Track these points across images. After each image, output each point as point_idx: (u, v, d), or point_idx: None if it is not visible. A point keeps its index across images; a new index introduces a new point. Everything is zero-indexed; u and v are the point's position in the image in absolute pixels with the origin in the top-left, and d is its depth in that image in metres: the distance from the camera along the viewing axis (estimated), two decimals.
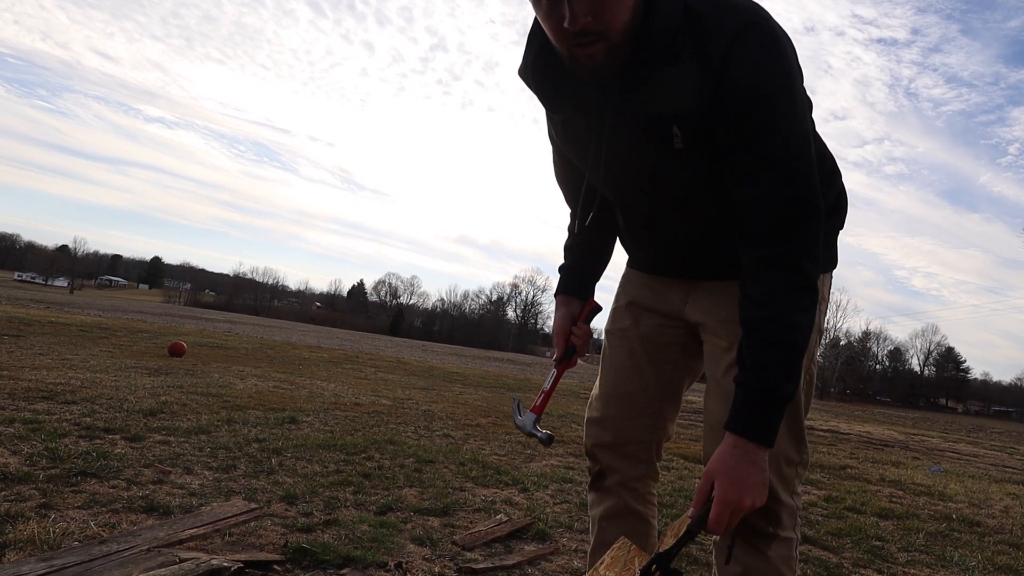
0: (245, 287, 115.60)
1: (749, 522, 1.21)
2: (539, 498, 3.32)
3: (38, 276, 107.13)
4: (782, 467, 1.22)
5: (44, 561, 1.75)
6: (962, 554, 3.17)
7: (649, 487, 1.47)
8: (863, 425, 13.55)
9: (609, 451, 1.43)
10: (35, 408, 3.92)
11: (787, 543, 1.23)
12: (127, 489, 2.60)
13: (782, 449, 1.22)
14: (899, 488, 5.02)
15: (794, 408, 1.24)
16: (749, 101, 1.03)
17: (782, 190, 1.07)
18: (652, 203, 1.25)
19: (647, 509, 1.46)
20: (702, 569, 2.53)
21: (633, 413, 1.41)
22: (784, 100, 1.05)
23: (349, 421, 4.97)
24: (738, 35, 1.02)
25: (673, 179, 1.18)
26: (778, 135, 1.05)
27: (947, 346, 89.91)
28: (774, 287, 1.09)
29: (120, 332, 11.83)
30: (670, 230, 1.28)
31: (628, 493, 1.43)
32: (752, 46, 1.02)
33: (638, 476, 1.43)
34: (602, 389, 1.47)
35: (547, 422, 6.66)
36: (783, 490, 1.22)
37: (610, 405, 1.44)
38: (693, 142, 1.10)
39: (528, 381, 15.09)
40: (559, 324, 1.44)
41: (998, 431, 24.93)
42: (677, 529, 1.14)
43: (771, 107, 1.04)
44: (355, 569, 2.10)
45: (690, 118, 1.08)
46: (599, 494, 1.47)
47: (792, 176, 1.07)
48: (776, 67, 1.04)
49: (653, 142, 1.13)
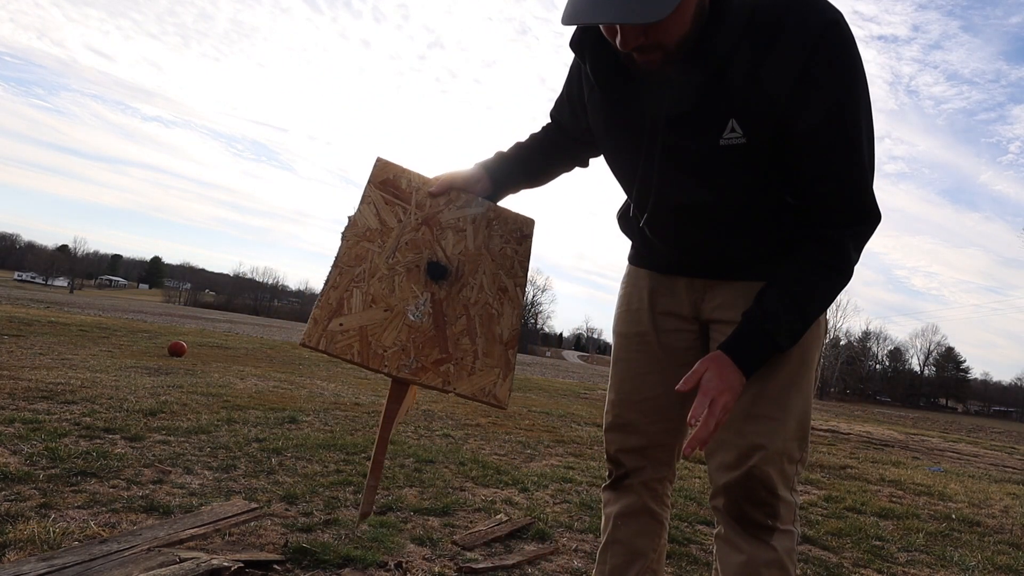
0: (245, 287, 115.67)
1: (749, 515, 1.23)
2: (539, 498, 3.32)
3: (38, 276, 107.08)
4: (784, 464, 1.23)
5: (44, 561, 1.75)
6: (962, 554, 3.17)
7: (667, 489, 1.49)
8: (863, 425, 13.55)
9: (634, 455, 1.45)
10: (35, 408, 3.92)
11: (788, 535, 1.24)
12: (127, 489, 2.60)
13: (786, 446, 1.23)
14: (899, 488, 5.02)
15: (805, 411, 1.26)
16: (835, 98, 1.05)
17: (855, 184, 1.11)
18: (691, 198, 1.21)
19: (662, 510, 1.48)
20: (702, 569, 2.53)
21: (656, 418, 1.42)
22: (864, 99, 1.08)
23: (349, 421, 4.97)
24: (824, 33, 1.03)
25: (720, 174, 1.17)
26: (859, 133, 1.08)
27: (947, 346, 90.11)
28: (819, 259, 1.14)
29: (120, 332, 11.82)
30: (701, 228, 1.26)
31: (647, 492, 1.45)
32: (837, 45, 1.04)
33: (660, 477, 1.46)
34: (621, 395, 1.46)
35: (547, 421, 6.67)
36: (782, 486, 1.23)
37: (632, 411, 1.44)
38: (755, 136, 1.09)
39: (528, 381, 15.08)
40: (456, 176, 1.40)
41: (998, 431, 24.93)
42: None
43: (856, 105, 1.07)
44: (355, 569, 2.10)
45: (757, 112, 1.07)
46: (617, 492, 1.48)
47: (864, 172, 1.11)
48: (858, 67, 1.07)
49: (708, 135, 1.11)
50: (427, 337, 1.22)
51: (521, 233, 1.43)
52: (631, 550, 1.44)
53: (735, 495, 1.24)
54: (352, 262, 1.22)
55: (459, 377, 1.22)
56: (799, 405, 1.25)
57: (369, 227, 1.27)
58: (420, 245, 1.30)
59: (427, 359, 1.20)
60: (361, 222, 1.27)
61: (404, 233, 1.30)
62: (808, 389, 1.27)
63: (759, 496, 1.22)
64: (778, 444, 1.22)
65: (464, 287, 1.30)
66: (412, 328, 1.21)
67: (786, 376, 1.24)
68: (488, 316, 1.30)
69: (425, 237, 1.31)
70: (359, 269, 1.22)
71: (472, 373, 1.23)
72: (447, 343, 1.23)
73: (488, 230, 1.38)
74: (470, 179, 1.42)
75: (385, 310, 1.21)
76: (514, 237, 1.42)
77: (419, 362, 1.20)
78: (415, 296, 1.25)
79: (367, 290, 1.21)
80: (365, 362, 1.16)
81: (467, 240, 1.35)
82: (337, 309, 1.17)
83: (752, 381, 1.19)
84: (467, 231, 1.36)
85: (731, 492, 1.24)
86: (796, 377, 1.25)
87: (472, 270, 1.33)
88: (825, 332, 1.32)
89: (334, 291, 1.18)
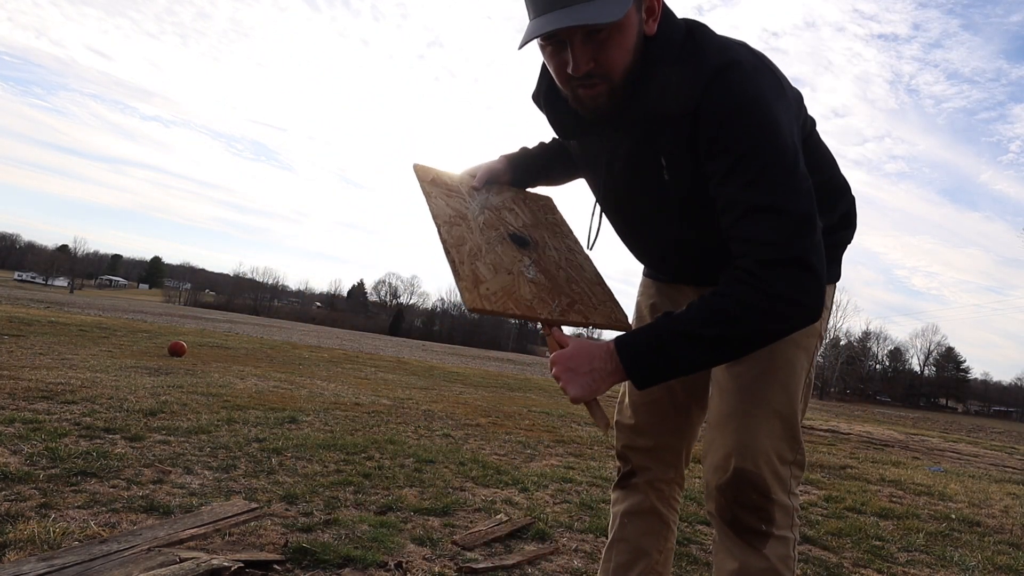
0: (245, 287, 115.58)
1: (741, 520, 1.21)
2: (539, 498, 3.32)
3: (38, 276, 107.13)
4: (776, 464, 1.21)
5: (44, 561, 1.75)
6: (962, 554, 3.17)
7: (675, 492, 1.52)
8: (863, 425, 13.55)
9: (642, 454, 1.48)
10: (35, 408, 3.92)
11: (784, 542, 1.22)
12: (127, 489, 2.60)
13: (775, 446, 1.22)
14: (899, 488, 5.02)
15: (788, 406, 1.24)
16: (726, 131, 1.07)
17: (763, 214, 1.05)
18: (655, 227, 1.32)
19: (669, 512, 1.49)
20: (702, 569, 2.53)
21: (664, 420, 1.46)
22: (762, 127, 1.07)
23: (349, 421, 4.97)
24: (720, 71, 1.08)
25: (668, 206, 1.24)
26: (757, 161, 1.06)
27: (947, 346, 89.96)
28: (738, 296, 1.06)
29: (120, 332, 11.82)
30: (676, 248, 1.34)
31: (654, 493, 1.48)
32: (731, 82, 1.07)
33: (667, 479, 1.48)
34: (632, 396, 1.51)
35: (547, 421, 6.66)
36: (778, 488, 1.21)
37: (640, 412, 1.48)
38: (677, 174, 1.16)
39: (528, 381, 15.08)
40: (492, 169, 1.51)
41: (998, 431, 24.93)
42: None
43: (749, 136, 1.06)
44: (355, 569, 2.10)
45: (675, 148, 1.14)
46: (625, 491, 1.51)
47: (776, 198, 1.05)
48: (751, 99, 1.07)
49: (644, 174, 1.21)
50: (549, 289, 1.37)
51: (549, 207, 1.63)
52: (636, 548, 1.46)
53: (727, 498, 1.23)
54: (457, 243, 1.33)
55: (592, 311, 1.39)
56: (781, 402, 1.23)
57: (449, 215, 1.38)
58: (493, 224, 1.43)
59: (562, 303, 1.36)
60: (440, 213, 1.38)
61: (478, 216, 1.43)
62: (794, 388, 1.25)
63: (750, 499, 1.20)
64: (762, 442, 1.20)
65: (545, 249, 1.47)
66: (535, 284, 1.36)
67: (763, 373, 1.23)
68: (577, 266, 1.48)
69: (491, 218, 1.45)
70: (466, 248, 1.34)
71: (597, 308, 1.41)
72: (565, 290, 1.40)
73: (527, 205, 1.57)
74: (500, 171, 1.53)
75: (508, 274, 1.34)
76: (547, 208, 1.62)
77: (560, 307, 1.36)
78: (520, 260, 1.39)
79: (485, 261, 1.34)
80: (524, 313, 1.29)
81: (522, 217, 1.51)
82: (476, 279, 1.29)
83: (731, 379, 1.23)
84: (516, 210, 1.52)
85: (722, 494, 1.23)
86: (775, 373, 1.23)
87: (541, 237, 1.49)
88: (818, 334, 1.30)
89: (463, 266, 1.30)
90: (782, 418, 1.23)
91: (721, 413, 1.26)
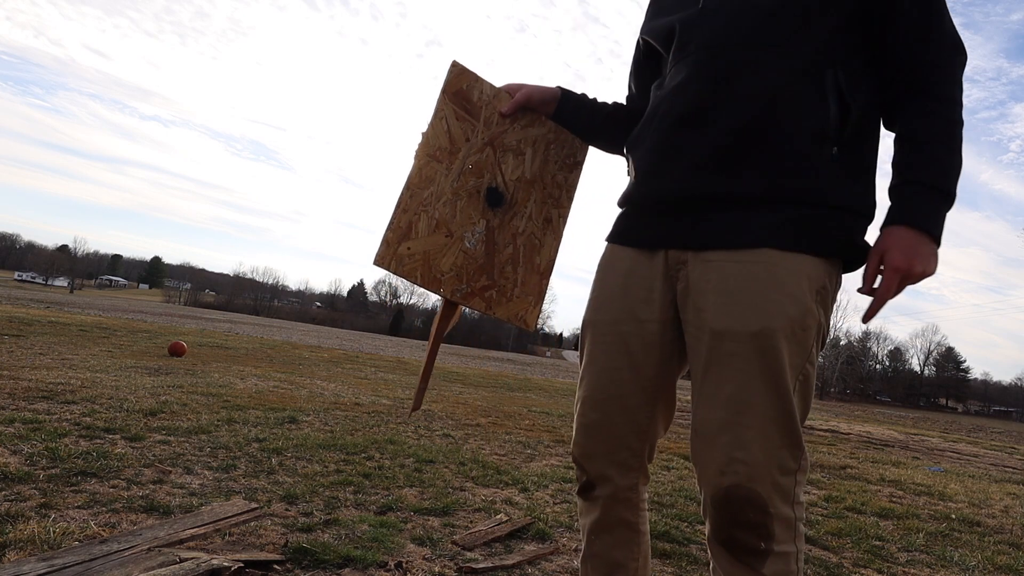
0: (245, 287, 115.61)
1: (738, 540, 1.12)
2: (539, 498, 3.32)
3: (38, 276, 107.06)
4: (776, 476, 1.10)
5: (44, 561, 1.75)
6: (962, 554, 3.17)
7: (640, 494, 1.37)
8: (863, 425, 13.55)
9: (599, 461, 1.32)
10: (35, 408, 3.92)
11: (784, 558, 1.13)
12: (127, 489, 2.60)
13: (773, 457, 1.10)
14: (899, 488, 5.02)
15: (781, 407, 1.11)
16: None
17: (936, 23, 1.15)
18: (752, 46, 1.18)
19: (637, 517, 1.36)
20: (702, 569, 2.53)
21: (625, 418, 1.30)
22: None
23: (349, 421, 4.97)
24: None
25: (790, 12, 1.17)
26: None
27: (947, 346, 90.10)
28: (928, 107, 1.14)
29: (120, 332, 11.82)
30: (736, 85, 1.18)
31: (619, 504, 1.33)
32: None
33: (629, 485, 1.33)
34: (589, 391, 1.32)
35: (547, 421, 6.66)
36: (780, 500, 1.11)
37: (598, 409, 1.31)
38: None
39: (528, 381, 15.08)
40: (532, 96, 1.43)
41: (998, 431, 24.91)
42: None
43: None
44: (355, 569, 2.10)
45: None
46: (588, 504, 1.37)
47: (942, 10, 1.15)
48: None
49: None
50: (478, 265, 1.34)
51: (574, 160, 1.52)
52: (609, 563, 1.35)
53: (721, 518, 1.13)
54: (422, 184, 1.29)
55: (499, 303, 1.37)
56: (771, 404, 1.10)
57: (440, 146, 1.33)
58: (483, 168, 1.38)
59: (476, 285, 1.34)
60: (433, 140, 1.33)
61: (470, 155, 1.37)
62: (784, 385, 1.11)
63: (747, 517, 1.11)
64: (759, 455, 1.10)
65: (515, 216, 1.41)
66: (467, 254, 1.33)
67: (758, 378, 1.11)
68: (531, 247, 1.43)
69: (488, 160, 1.39)
70: (427, 192, 1.30)
71: (510, 300, 1.39)
72: (493, 271, 1.37)
73: (545, 154, 1.47)
74: (544, 99, 1.44)
75: (446, 235, 1.30)
76: (567, 164, 1.51)
77: (469, 287, 1.33)
78: (472, 223, 1.35)
79: (432, 214, 1.30)
80: (426, 284, 1.28)
81: (525, 165, 1.43)
82: (406, 232, 1.26)
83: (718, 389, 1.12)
84: (526, 155, 1.44)
85: (717, 511, 1.14)
86: (772, 377, 1.11)
87: (524, 198, 1.43)
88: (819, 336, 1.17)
89: (404, 214, 1.26)
90: (777, 424, 1.10)
91: (707, 422, 1.15)
